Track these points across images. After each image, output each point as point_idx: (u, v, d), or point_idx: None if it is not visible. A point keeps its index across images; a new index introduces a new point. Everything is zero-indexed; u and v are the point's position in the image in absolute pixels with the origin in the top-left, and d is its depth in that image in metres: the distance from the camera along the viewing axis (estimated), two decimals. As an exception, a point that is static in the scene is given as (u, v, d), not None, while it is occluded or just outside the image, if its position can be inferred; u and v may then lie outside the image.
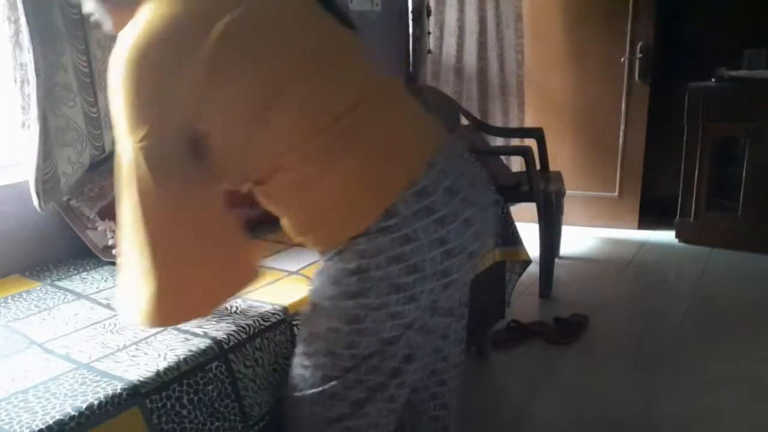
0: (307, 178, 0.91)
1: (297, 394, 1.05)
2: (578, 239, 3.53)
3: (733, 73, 3.13)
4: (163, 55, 0.86)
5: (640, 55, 3.37)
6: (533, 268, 2.37)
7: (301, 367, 1.05)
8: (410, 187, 0.90)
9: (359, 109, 0.92)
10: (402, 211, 0.89)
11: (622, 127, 3.52)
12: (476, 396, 2.03)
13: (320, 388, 1.00)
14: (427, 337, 1.03)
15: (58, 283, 1.57)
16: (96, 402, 0.93)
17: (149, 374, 1.02)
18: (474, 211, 0.96)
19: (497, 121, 3.45)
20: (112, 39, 1.71)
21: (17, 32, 1.50)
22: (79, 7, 1.65)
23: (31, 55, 1.49)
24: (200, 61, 0.85)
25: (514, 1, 3.38)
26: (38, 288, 1.54)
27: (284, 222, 1.00)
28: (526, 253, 2.19)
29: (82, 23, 1.67)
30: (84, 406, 0.92)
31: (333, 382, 0.99)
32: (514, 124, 3.50)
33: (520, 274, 2.29)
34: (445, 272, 0.93)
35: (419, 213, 0.90)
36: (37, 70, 1.51)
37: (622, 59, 3.42)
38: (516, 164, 3.44)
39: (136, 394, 0.97)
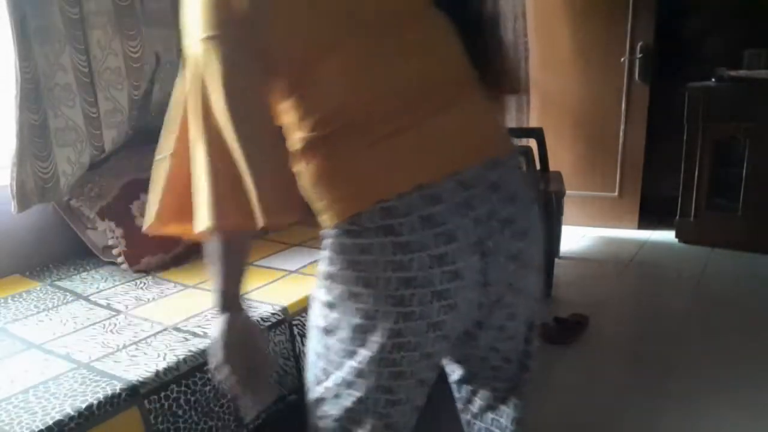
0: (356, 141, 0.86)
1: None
2: (578, 239, 3.53)
3: (733, 73, 3.13)
4: None
5: (640, 55, 3.36)
6: (533, 268, 2.37)
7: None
8: (453, 175, 0.86)
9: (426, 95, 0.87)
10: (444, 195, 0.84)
11: (622, 127, 3.52)
12: (476, 396, 2.03)
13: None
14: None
15: (58, 284, 1.57)
16: (95, 402, 0.93)
17: (149, 374, 1.02)
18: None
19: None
20: (111, 39, 1.73)
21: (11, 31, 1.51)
22: (78, 6, 1.65)
23: (15, 54, 1.50)
24: None
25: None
26: (38, 288, 1.54)
27: (311, 173, 0.90)
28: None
29: (81, 23, 1.66)
30: (83, 406, 0.92)
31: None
32: (511, 124, 3.50)
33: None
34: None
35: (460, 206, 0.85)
36: (22, 70, 1.51)
37: (622, 59, 3.42)
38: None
39: (135, 395, 0.97)
